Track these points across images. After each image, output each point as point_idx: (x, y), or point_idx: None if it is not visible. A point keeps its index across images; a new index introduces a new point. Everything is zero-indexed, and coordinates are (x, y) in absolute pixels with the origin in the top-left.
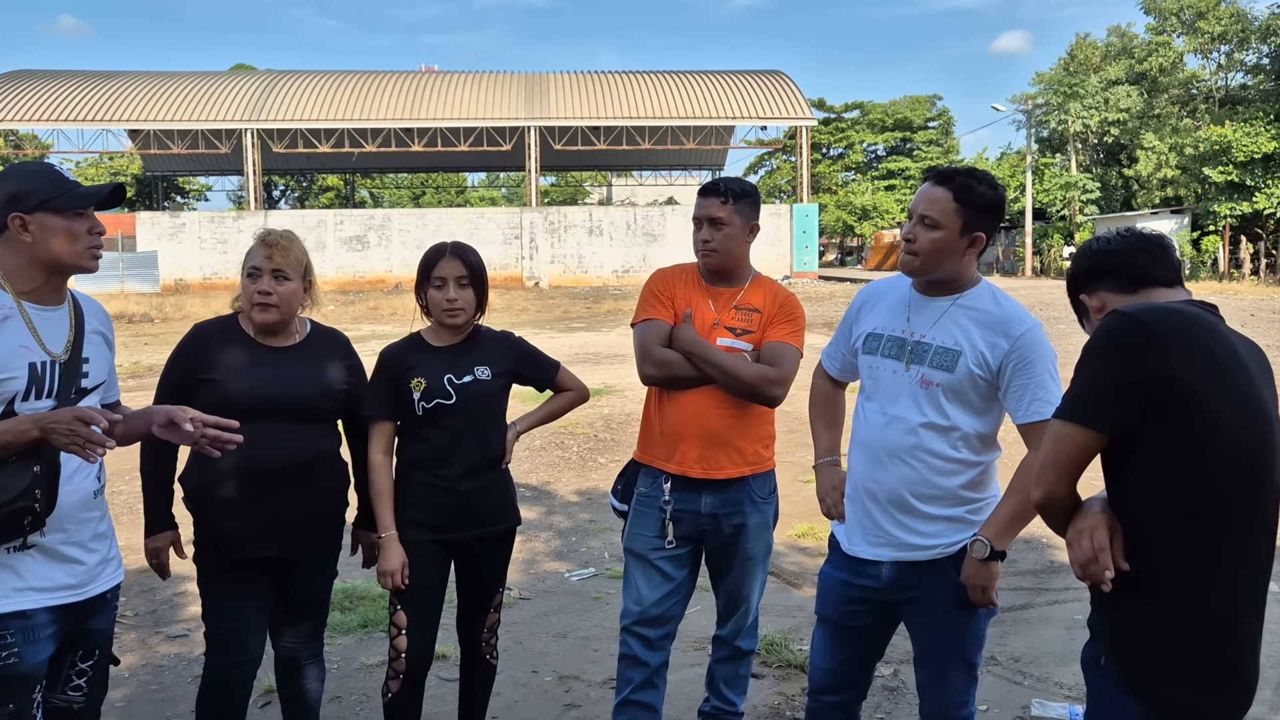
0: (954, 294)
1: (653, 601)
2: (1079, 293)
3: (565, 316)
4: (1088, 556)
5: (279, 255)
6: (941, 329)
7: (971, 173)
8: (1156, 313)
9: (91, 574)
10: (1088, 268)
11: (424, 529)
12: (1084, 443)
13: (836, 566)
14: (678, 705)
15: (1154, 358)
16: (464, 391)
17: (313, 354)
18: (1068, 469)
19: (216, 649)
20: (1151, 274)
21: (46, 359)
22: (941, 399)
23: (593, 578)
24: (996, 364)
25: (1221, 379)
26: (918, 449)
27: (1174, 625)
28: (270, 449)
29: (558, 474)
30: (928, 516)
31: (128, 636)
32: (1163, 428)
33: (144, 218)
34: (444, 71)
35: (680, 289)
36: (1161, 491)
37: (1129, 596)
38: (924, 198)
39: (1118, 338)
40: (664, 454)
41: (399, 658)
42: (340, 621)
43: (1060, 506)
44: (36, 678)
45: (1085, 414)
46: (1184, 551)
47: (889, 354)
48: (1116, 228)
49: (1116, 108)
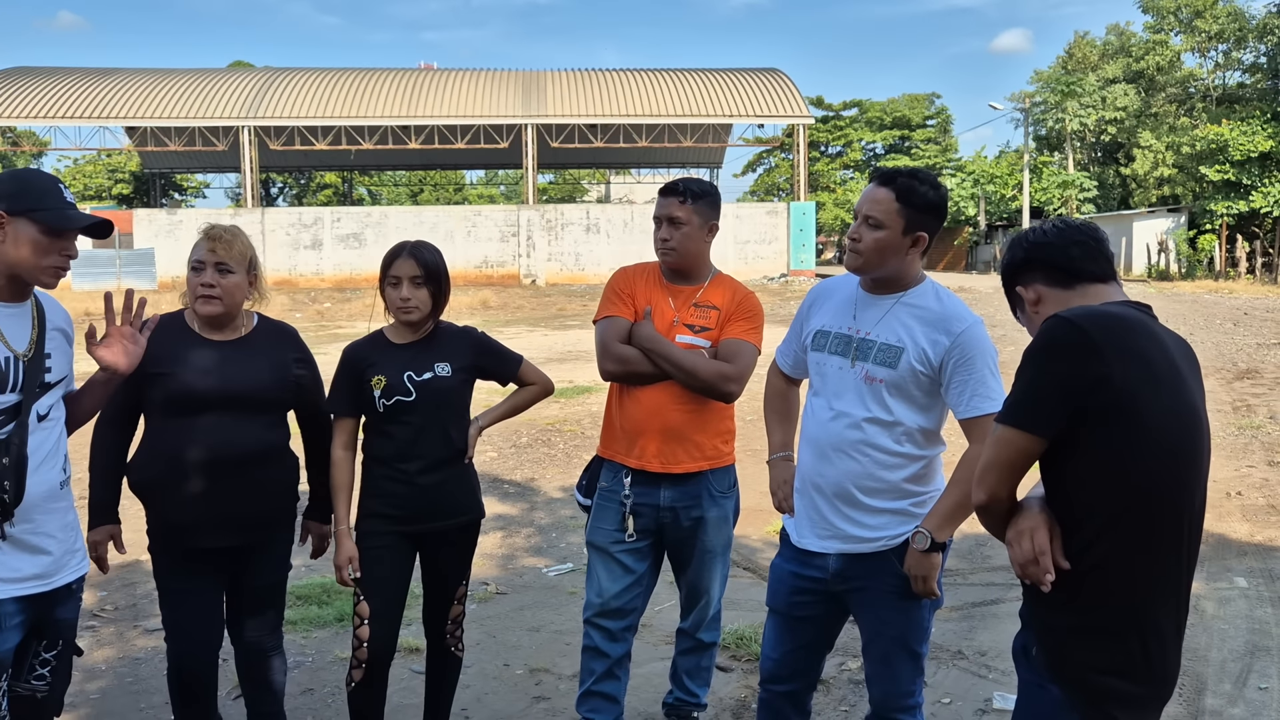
0: (898, 292)
1: (614, 594)
2: (1014, 284)
3: (561, 314)
4: (1028, 557)
5: (222, 248)
6: (885, 326)
7: (914, 174)
8: (1093, 318)
9: (58, 564)
10: (1022, 258)
11: (386, 521)
12: (1025, 446)
13: (786, 559)
14: (644, 697)
15: (1091, 363)
16: (424, 388)
17: (260, 346)
18: (1009, 472)
19: (174, 638)
20: (1086, 269)
21: (10, 355)
22: (885, 394)
23: (570, 573)
24: (938, 360)
25: (1156, 384)
26: (862, 443)
27: (1098, 620)
28: (218, 441)
29: (542, 470)
30: (872, 509)
31: (106, 630)
32: (1095, 430)
33: (141, 215)
34: (442, 69)
35: (641, 287)
36: (1092, 491)
37: (1056, 589)
38: (868, 198)
39: (1055, 343)
40: (624, 449)
41: (361, 647)
42: (316, 615)
43: (1000, 508)
44: (3, 666)
45: (1025, 419)
46: (1110, 550)
47: (835, 350)
48: (1052, 219)
49: (1114, 106)
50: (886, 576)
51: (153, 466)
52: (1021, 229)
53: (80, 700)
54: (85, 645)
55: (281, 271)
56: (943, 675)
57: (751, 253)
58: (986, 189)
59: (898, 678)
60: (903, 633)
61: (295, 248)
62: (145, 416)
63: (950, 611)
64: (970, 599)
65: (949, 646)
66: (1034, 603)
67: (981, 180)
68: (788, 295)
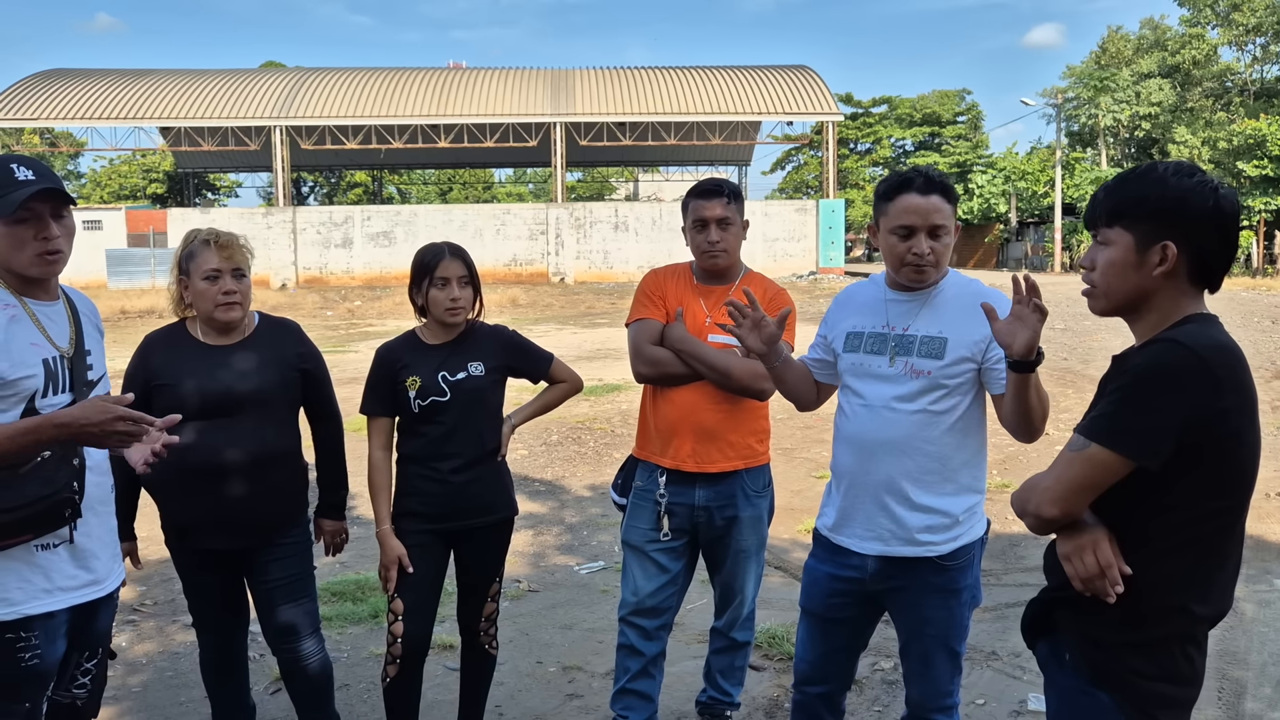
0: (928, 288)
1: (649, 593)
2: (1150, 233)
3: (589, 312)
4: (1094, 572)
5: (237, 254)
6: (925, 320)
7: (935, 172)
8: (1214, 350)
9: (107, 569)
10: (1192, 222)
11: (420, 519)
12: (1119, 471)
13: (821, 560)
14: (677, 696)
15: (1212, 397)
16: (458, 388)
17: (262, 345)
18: (1093, 494)
19: (199, 628)
20: (1219, 279)
21: (56, 354)
22: (932, 389)
23: (601, 571)
24: (983, 341)
25: (1253, 417)
26: (910, 438)
27: (1149, 633)
28: (223, 445)
29: (572, 468)
30: (922, 507)
31: (146, 625)
32: (1200, 461)
33: (175, 214)
34: (471, 68)
35: (672, 289)
36: (1176, 515)
37: (1106, 602)
38: (931, 208)
39: (1178, 372)
40: (659, 449)
41: (396, 642)
42: (350, 611)
43: (1069, 524)
44: (51, 675)
45: (1132, 445)
46: (1173, 569)
47: (872, 350)
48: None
49: (1148, 101)
50: (927, 575)
51: (161, 467)
52: (1051, 225)
53: (122, 694)
54: (126, 640)
55: (312, 270)
56: (976, 676)
57: (780, 250)
58: (1018, 186)
59: (937, 678)
60: (943, 631)
61: (326, 246)
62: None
63: (984, 612)
64: (1004, 600)
65: (983, 647)
66: (1076, 613)
67: (1013, 177)
68: (817, 293)
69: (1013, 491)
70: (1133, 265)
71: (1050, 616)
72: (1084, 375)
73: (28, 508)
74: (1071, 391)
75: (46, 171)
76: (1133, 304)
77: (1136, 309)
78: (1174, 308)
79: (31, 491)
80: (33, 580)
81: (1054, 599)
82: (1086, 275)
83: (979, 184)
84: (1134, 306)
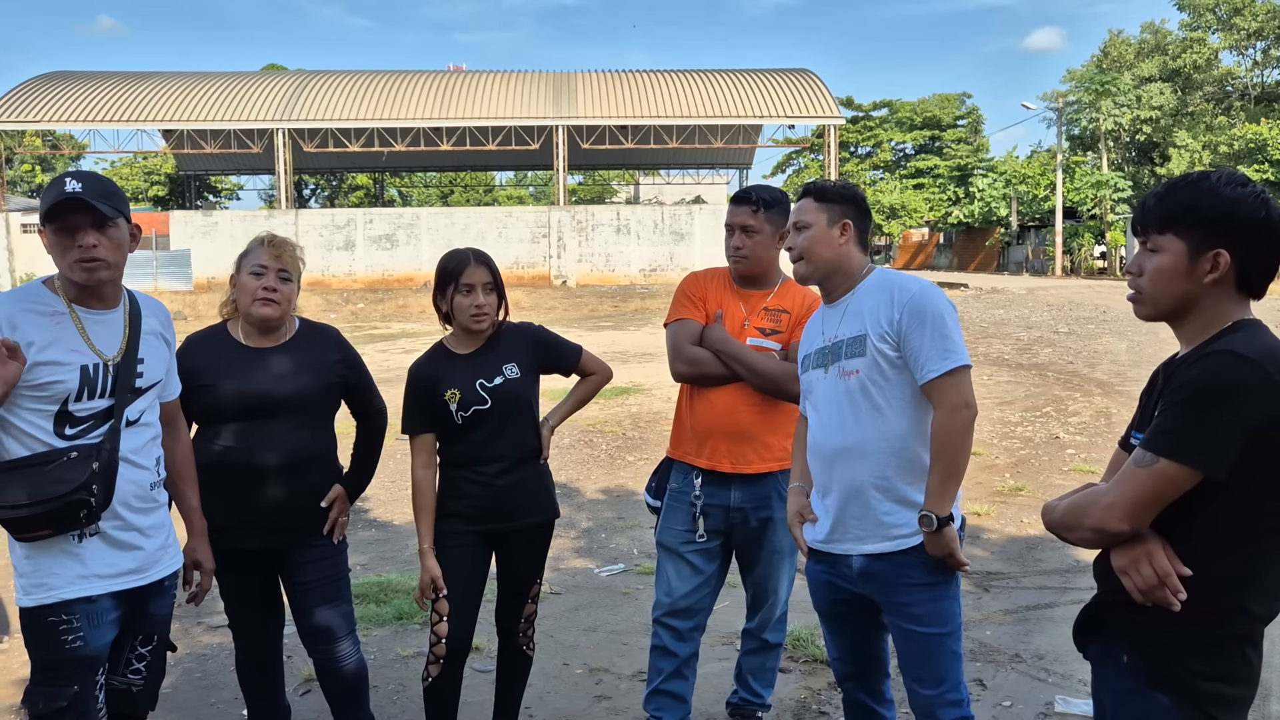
0: (848, 290)
1: (683, 594)
2: (1203, 239)
3: (593, 315)
4: (1153, 583)
5: (286, 256)
6: (847, 324)
7: None
8: (1268, 356)
9: (151, 559)
10: (1244, 231)
11: (464, 521)
12: (1188, 485)
13: (816, 562)
14: (706, 698)
15: (1275, 403)
16: (497, 393)
17: (302, 349)
18: (1159, 507)
19: (235, 630)
20: (1263, 287)
21: (98, 361)
22: (866, 385)
23: (622, 573)
24: (896, 332)
25: None
26: (863, 441)
27: (1210, 635)
28: (260, 447)
29: (586, 471)
30: (889, 501)
31: (174, 626)
32: (1257, 464)
33: (177, 216)
34: (472, 71)
35: (712, 291)
36: (1230, 516)
37: (1165, 608)
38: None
39: (1240, 385)
40: (694, 450)
41: (440, 642)
42: (374, 613)
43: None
44: (100, 660)
45: (1199, 457)
46: (1235, 569)
47: (817, 365)
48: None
49: (1149, 105)
50: (908, 569)
51: (199, 466)
52: (1052, 228)
53: None
54: None
55: (315, 272)
56: (1001, 678)
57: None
58: (1019, 189)
59: (935, 670)
60: (929, 620)
61: (328, 249)
62: (196, 424)
63: (1005, 615)
64: (1024, 602)
65: (1006, 650)
66: (1131, 615)
67: (1013, 180)
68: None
69: (1046, 503)
70: (1184, 272)
71: (1099, 619)
72: (1089, 379)
73: (43, 504)
74: (1078, 395)
75: (94, 185)
76: (1180, 310)
77: (1183, 315)
78: (1220, 314)
79: (48, 490)
80: (69, 566)
81: (1120, 605)
82: (1133, 281)
83: (980, 187)
84: (1180, 313)
